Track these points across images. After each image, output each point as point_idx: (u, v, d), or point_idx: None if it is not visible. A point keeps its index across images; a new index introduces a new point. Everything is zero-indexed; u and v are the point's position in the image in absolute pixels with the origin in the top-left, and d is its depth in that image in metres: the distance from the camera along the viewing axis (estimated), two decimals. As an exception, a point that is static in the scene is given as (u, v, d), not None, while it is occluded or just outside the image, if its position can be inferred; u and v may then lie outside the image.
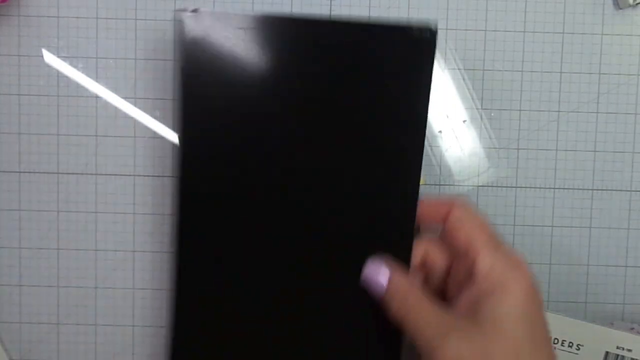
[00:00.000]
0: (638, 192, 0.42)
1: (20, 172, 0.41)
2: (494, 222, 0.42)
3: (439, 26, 0.41)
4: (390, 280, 0.33)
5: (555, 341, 0.40)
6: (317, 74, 0.35)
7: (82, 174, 0.41)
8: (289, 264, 0.35)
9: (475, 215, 0.33)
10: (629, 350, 0.39)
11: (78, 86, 0.41)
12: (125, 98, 0.41)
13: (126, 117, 0.41)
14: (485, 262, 0.31)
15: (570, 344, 0.39)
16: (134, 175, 0.41)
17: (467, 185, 0.41)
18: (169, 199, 0.41)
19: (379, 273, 0.34)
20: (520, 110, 0.41)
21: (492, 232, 0.33)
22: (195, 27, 0.33)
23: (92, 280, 0.42)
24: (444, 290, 0.35)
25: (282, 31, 0.34)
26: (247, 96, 0.34)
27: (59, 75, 0.41)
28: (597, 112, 0.41)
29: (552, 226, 0.42)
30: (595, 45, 0.41)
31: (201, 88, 0.34)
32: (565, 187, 0.41)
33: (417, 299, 0.32)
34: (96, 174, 0.41)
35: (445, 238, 0.34)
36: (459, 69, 0.41)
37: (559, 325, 0.40)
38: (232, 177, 0.35)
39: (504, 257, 0.32)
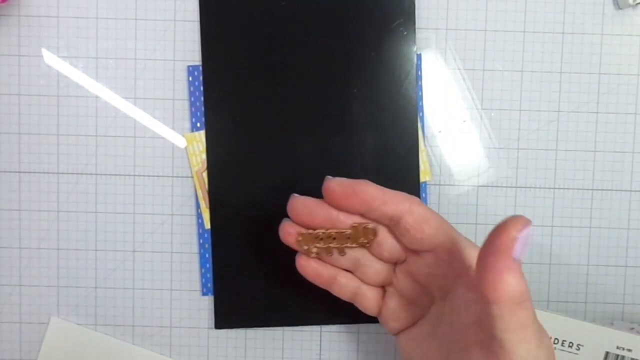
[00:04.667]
0: (638, 192, 0.42)
1: (20, 172, 0.41)
2: (494, 222, 0.41)
3: (439, 26, 0.41)
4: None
5: (556, 341, 0.40)
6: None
7: (82, 174, 0.41)
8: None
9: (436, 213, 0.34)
10: (629, 350, 0.39)
11: (78, 86, 0.41)
12: (125, 98, 0.41)
13: (126, 117, 0.41)
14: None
15: (570, 344, 0.39)
16: (134, 175, 0.41)
17: (467, 185, 0.41)
18: (169, 199, 0.41)
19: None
20: (520, 110, 0.41)
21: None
22: None
23: (92, 280, 0.42)
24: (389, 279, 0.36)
25: None
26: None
27: (59, 75, 0.41)
28: (597, 112, 0.41)
29: (552, 226, 0.42)
30: (595, 45, 0.41)
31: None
32: (565, 187, 0.41)
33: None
34: (96, 174, 0.41)
35: (407, 232, 0.33)
36: (459, 69, 0.41)
37: (559, 325, 0.40)
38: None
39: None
